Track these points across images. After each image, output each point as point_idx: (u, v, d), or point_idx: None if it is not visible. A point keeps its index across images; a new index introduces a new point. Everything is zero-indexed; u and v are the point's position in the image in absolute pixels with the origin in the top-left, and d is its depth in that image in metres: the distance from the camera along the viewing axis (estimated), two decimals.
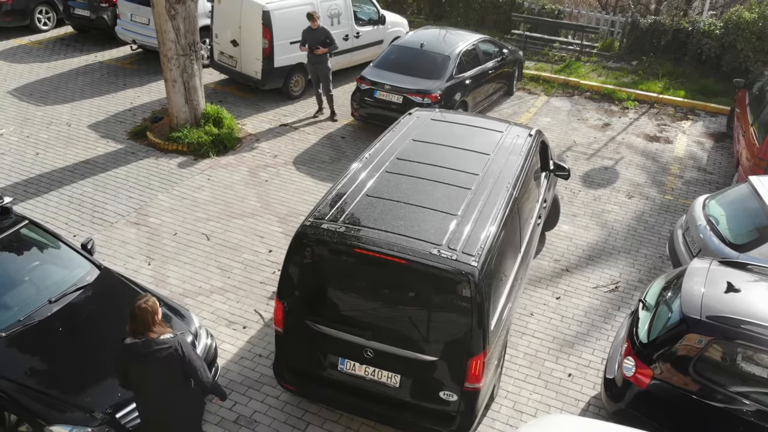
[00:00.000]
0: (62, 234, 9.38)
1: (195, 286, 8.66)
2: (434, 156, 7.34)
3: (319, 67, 12.88)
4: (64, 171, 11.09)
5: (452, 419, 6.07)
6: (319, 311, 6.22)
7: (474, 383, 5.88)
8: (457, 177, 6.90)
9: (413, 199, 6.46)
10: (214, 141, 11.91)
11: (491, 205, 6.49)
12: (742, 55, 15.72)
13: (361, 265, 5.98)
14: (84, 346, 6.30)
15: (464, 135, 8.01)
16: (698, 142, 13.59)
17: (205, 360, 6.67)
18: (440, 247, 5.81)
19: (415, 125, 8.12)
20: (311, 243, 6.07)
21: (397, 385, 6.13)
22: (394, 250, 5.76)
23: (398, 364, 6.05)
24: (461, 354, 5.81)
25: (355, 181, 6.77)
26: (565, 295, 8.92)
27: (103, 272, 7.11)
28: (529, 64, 16.77)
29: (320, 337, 6.21)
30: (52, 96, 13.74)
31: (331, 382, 6.39)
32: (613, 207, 11.01)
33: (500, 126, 8.42)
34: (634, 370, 6.26)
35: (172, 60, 11.58)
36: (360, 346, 6.07)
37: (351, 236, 5.95)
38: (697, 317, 6.07)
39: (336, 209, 6.30)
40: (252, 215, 10.19)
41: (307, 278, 6.21)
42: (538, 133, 8.43)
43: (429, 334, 5.91)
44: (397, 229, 6.00)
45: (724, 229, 8.32)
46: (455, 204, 6.42)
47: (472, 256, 5.76)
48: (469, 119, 8.84)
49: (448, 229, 6.06)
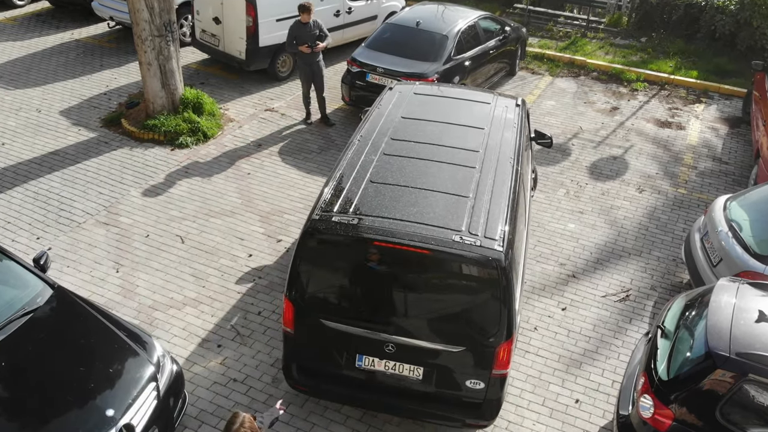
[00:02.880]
0: (25, 236, 8.71)
1: (166, 297, 7.90)
2: (429, 134, 7.10)
3: (315, 66, 11.43)
4: (31, 164, 10.26)
5: (478, 407, 6.01)
6: (334, 309, 5.96)
7: (502, 369, 5.82)
8: (458, 155, 6.71)
9: (420, 182, 6.24)
10: (193, 129, 11.06)
11: (500, 184, 6.34)
12: (758, 33, 14.74)
13: (379, 258, 5.70)
14: (29, 386, 5.53)
15: (453, 109, 7.78)
16: (712, 128, 12.74)
17: (170, 390, 5.98)
18: (461, 233, 5.63)
19: (400, 101, 7.83)
20: (323, 238, 5.78)
21: (420, 377, 5.99)
22: (416, 240, 5.56)
23: (422, 356, 5.89)
24: (489, 341, 5.70)
25: (355, 166, 6.46)
26: (571, 306, 8.17)
27: (57, 293, 6.32)
28: (532, 41, 15.83)
29: (336, 335, 5.95)
30: (23, 78, 12.84)
31: (347, 380, 6.17)
32: (622, 202, 10.22)
33: (486, 97, 8.22)
34: (652, 411, 5.53)
35: (147, 41, 10.68)
36: (381, 341, 5.86)
37: (367, 228, 5.67)
38: (726, 354, 5.32)
39: (343, 200, 6.00)
40: (231, 213, 9.39)
41: (319, 275, 5.94)
42: (523, 103, 8.25)
43: (454, 324, 5.78)
44: (412, 217, 5.78)
45: (748, 236, 7.53)
46: (464, 185, 6.25)
47: (495, 240, 5.62)
48: (452, 91, 8.53)
49: (464, 212, 5.88)
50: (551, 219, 9.71)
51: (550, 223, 9.63)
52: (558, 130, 12.16)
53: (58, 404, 5.42)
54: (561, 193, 10.34)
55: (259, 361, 7.14)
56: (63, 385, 5.55)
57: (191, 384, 6.78)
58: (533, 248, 9.06)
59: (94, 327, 6.11)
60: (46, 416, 5.33)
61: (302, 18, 11.10)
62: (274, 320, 7.66)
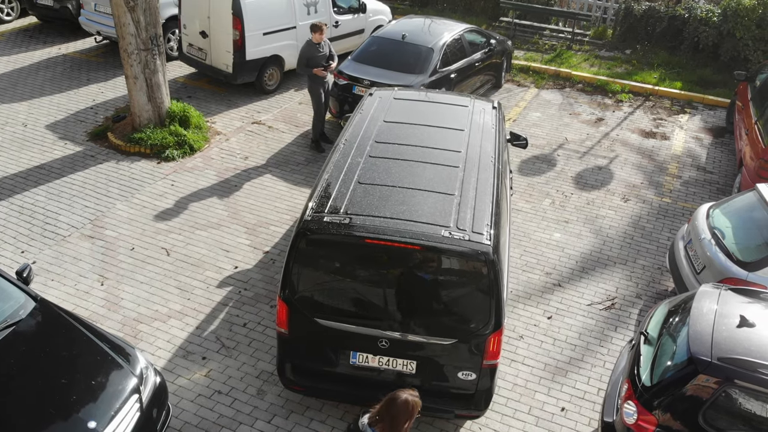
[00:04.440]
0: (9, 250, 8.69)
1: (151, 310, 7.86)
2: (412, 136, 7.29)
3: (326, 85, 11.21)
4: (16, 177, 10.23)
5: (470, 397, 6.17)
6: (328, 307, 6.06)
7: (492, 360, 5.99)
8: (442, 156, 6.90)
9: (406, 182, 6.41)
10: (180, 142, 11.05)
11: (484, 181, 6.53)
12: (741, 44, 14.93)
13: (371, 256, 5.86)
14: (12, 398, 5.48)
15: (433, 112, 7.98)
16: (696, 137, 12.84)
17: (154, 402, 5.94)
18: (450, 228, 5.80)
19: (381, 106, 8.00)
20: (315, 238, 5.89)
21: (414, 371, 6.11)
22: (406, 237, 5.70)
23: (415, 350, 6.03)
24: (479, 332, 5.86)
25: (342, 169, 6.60)
26: (557, 314, 8.19)
27: (40, 305, 6.28)
28: (518, 53, 15.94)
29: (330, 334, 6.05)
30: (9, 93, 12.82)
31: (342, 378, 6.27)
32: (607, 212, 10.27)
33: (464, 101, 8.44)
34: (636, 417, 5.54)
35: (133, 55, 10.70)
36: (374, 337, 5.98)
37: (358, 227, 5.81)
38: (707, 359, 5.34)
39: (333, 200, 6.13)
40: (218, 226, 9.38)
41: (312, 275, 6.05)
42: (500, 105, 8.53)
43: (446, 317, 5.93)
44: (401, 215, 5.94)
45: (731, 243, 7.59)
46: (449, 183, 6.42)
47: (482, 234, 5.80)
48: (431, 96, 8.73)
49: (451, 209, 6.05)
50: (537, 228, 9.75)
51: (536, 232, 9.67)
52: (543, 141, 12.24)
53: (40, 416, 5.37)
54: (546, 203, 10.38)
55: (244, 373, 7.11)
56: (45, 397, 5.51)
57: (175, 396, 6.73)
58: (519, 258, 9.09)
59: (77, 339, 6.07)
60: (29, 428, 5.28)
61: (314, 38, 10.83)
62: (260, 332, 7.64)
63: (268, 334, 7.59)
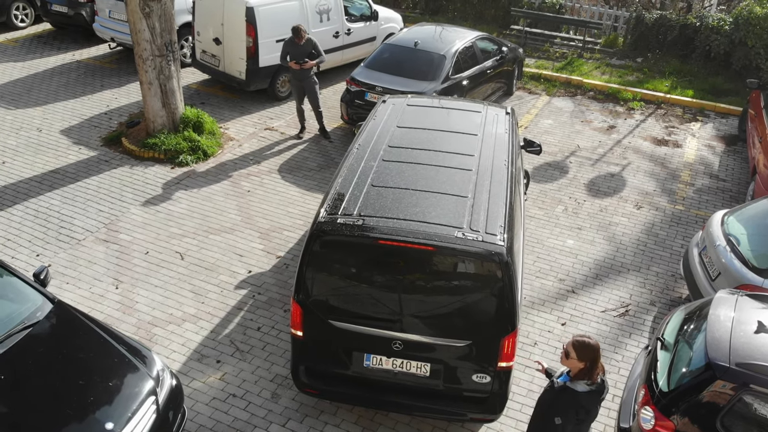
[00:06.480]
0: (25, 253, 8.72)
1: (165, 313, 7.89)
2: (425, 140, 7.31)
3: (306, 82, 11.65)
4: (31, 182, 10.30)
5: (485, 400, 6.13)
6: (342, 309, 6.04)
7: (507, 362, 5.94)
8: (455, 159, 6.91)
9: (420, 185, 6.41)
10: (193, 148, 11.11)
11: (497, 184, 6.53)
12: (752, 53, 14.91)
13: (385, 257, 5.86)
14: (29, 399, 5.50)
15: (446, 118, 8.05)
16: (709, 145, 12.82)
17: (170, 404, 5.95)
18: (463, 229, 5.79)
19: (395, 112, 8.03)
20: (329, 240, 5.88)
21: (428, 374, 6.10)
22: (420, 238, 5.69)
23: (429, 352, 6.01)
24: (494, 334, 5.83)
25: (356, 172, 6.61)
26: (571, 321, 8.17)
27: (57, 307, 6.32)
28: (529, 61, 15.97)
29: (345, 336, 6.04)
30: (25, 98, 12.93)
31: (357, 380, 6.26)
32: (620, 219, 10.25)
33: (477, 107, 8.49)
34: (653, 423, 5.52)
35: (148, 61, 10.78)
36: (388, 339, 5.97)
37: (372, 228, 5.81)
38: (726, 364, 5.33)
39: (346, 203, 6.14)
40: (231, 230, 9.42)
41: (326, 277, 6.03)
42: (513, 111, 8.54)
43: (460, 319, 5.89)
44: (415, 216, 5.93)
45: (746, 250, 7.56)
46: (463, 186, 6.43)
47: (495, 235, 5.78)
48: (443, 102, 8.79)
49: (465, 211, 6.04)
50: (550, 235, 9.74)
51: (549, 239, 9.66)
52: (555, 149, 12.24)
53: (57, 418, 5.39)
54: (559, 210, 10.38)
55: (258, 377, 7.12)
56: (62, 398, 5.53)
57: (190, 399, 6.75)
58: (532, 264, 9.08)
59: (93, 341, 6.10)
60: (46, 430, 5.30)
61: (296, 40, 11.29)
62: (274, 336, 7.65)
63: (282, 338, 7.61)
